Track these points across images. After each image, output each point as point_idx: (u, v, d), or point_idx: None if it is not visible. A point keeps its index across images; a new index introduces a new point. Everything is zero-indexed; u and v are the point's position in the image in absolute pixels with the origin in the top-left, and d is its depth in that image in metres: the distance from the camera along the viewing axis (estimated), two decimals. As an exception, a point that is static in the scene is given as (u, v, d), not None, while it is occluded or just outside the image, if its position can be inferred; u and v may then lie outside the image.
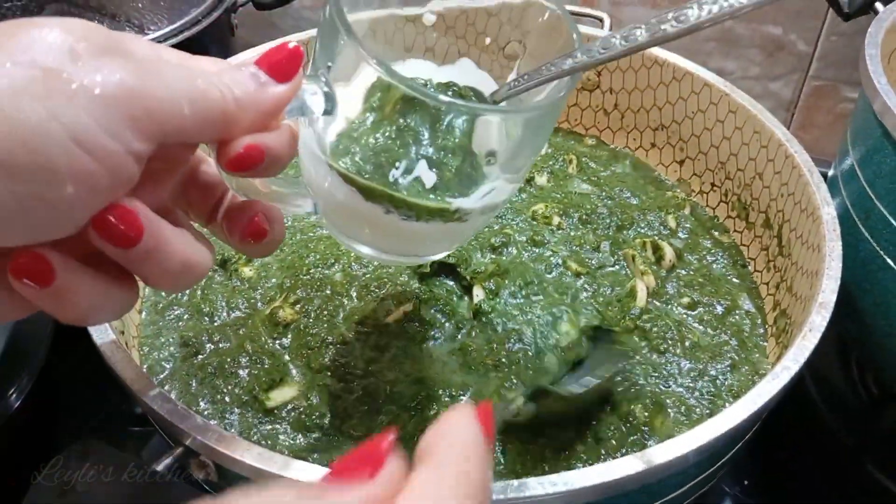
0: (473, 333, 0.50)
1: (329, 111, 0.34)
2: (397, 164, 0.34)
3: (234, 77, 0.29)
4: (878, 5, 0.63)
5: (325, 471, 0.36)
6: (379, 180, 0.34)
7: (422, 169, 0.34)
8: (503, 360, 0.48)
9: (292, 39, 0.31)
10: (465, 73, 0.41)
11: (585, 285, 0.54)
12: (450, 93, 0.38)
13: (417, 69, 0.42)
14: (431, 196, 0.35)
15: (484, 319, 0.51)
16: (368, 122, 0.35)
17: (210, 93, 0.28)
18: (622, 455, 0.44)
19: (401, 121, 0.34)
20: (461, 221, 0.36)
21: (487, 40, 0.42)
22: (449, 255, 0.53)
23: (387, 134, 0.34)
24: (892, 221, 0.51)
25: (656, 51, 0.65)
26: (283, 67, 0.30)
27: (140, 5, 0.77)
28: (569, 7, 0.73)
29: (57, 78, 0.25)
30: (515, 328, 0.50)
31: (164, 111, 0.27)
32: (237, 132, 0.30)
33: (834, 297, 0.44)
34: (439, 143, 0.34)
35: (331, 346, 0.49)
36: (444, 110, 0.34)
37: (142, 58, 0.28)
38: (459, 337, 0.50)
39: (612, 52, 0.34)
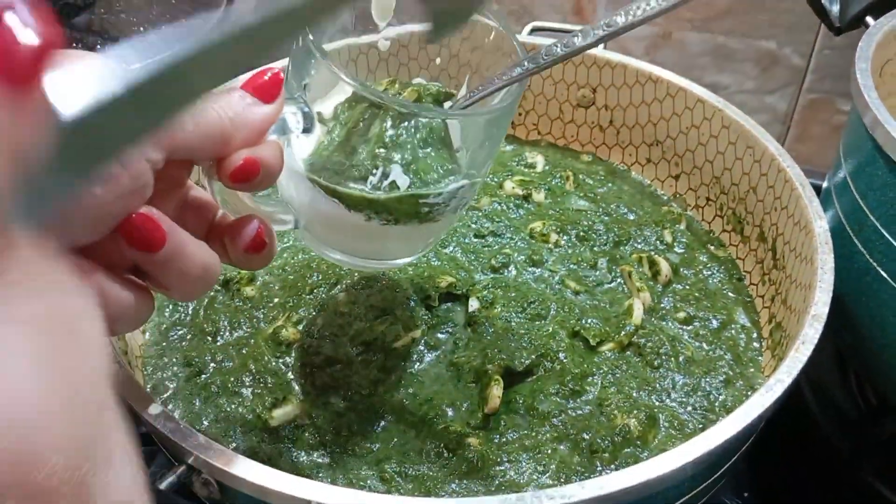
0: (470, 344, 0.51)
1: (308, 129, 0.38)
2: (374, 171, 0.38)
3: (226, 100, 0.33)
4: (869, 19, 0.63)
5: (327, 488, 0.36)
6: (359, 188, 0.38)
7: (396, 173, 0.38)
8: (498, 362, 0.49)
9: (272, 66, 0.35)
10: None
11: (585, 303, 0.54)
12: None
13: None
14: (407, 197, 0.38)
15: (479, 329, 0.51)
16: (343, 136, 0.38)
17: (208, 112, 0.32)
18: (616, 468, 0.45)
19: (373, 131, 0.38)
20: (434, 221, 0.40)
21: (438, 60, 0.47)
22: (456, 285, 0.54)
23: (361, 144, 0.38)
24: (885, 233, 0.52)
25: (651, 67, 0.66)
26: (266, 89, 0.34)
27: (142, 29, 0.79)
28: (562, 25, 0.74)
29: None
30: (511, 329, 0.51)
31: (173, 126, 0.30)
32: (232, 149, 0.33)
33: (826, 310, 0.45)
34: (409, 149, 0.38)
35: (335, 366, 0.49)
36: (415, 118, 0.38)
37: None
38: (456, 352, 0.51)
39: (554, 57, 0.39)
